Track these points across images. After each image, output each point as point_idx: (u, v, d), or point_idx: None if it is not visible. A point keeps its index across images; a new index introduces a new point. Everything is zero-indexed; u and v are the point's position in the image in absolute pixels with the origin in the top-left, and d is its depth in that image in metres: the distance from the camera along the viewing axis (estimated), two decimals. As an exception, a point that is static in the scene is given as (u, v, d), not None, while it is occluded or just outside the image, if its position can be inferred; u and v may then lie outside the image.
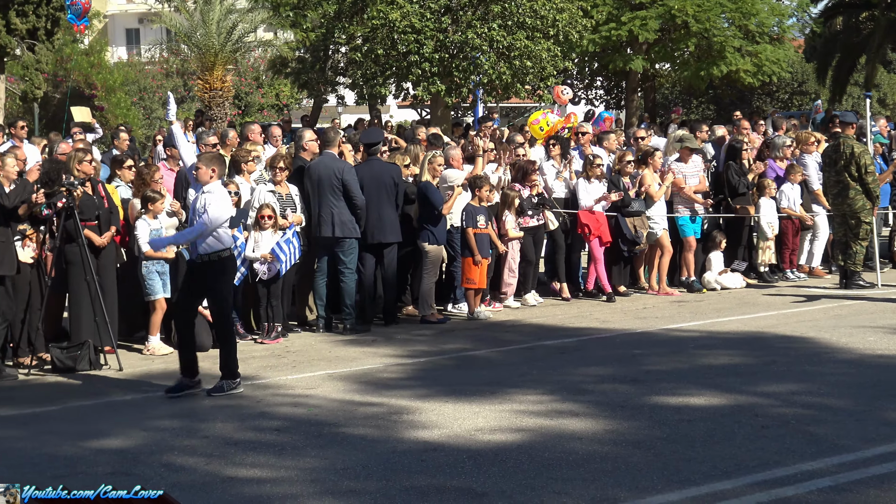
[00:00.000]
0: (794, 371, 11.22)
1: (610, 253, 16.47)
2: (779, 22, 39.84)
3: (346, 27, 31.77)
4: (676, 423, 9.28)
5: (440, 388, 10.73)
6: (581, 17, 31.93)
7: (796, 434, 8.81)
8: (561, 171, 16.79)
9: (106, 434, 9.37)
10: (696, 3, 35.86)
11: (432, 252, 14.64)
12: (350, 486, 7.77)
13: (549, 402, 10.13)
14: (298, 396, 10.63)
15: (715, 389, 10.37)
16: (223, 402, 10.45)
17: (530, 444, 8.74)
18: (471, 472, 8.00)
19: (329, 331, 14.14)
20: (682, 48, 37.67)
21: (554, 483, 7.72)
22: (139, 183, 13.43)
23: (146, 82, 49.89)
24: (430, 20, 29.42)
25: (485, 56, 29.46)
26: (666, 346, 12.81)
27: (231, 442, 9.02)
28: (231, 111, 36.85)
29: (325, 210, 13.97)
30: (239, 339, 13.38)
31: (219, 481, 7.93)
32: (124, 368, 12.00)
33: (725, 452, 8.33)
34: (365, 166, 14.60)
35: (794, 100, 55.89)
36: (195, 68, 36.98)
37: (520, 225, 15.58)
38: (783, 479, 7.69)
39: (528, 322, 14.69)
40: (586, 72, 43.00)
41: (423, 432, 9.19)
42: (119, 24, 67.06)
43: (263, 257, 13.42)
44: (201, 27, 31.96)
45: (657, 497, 7.40)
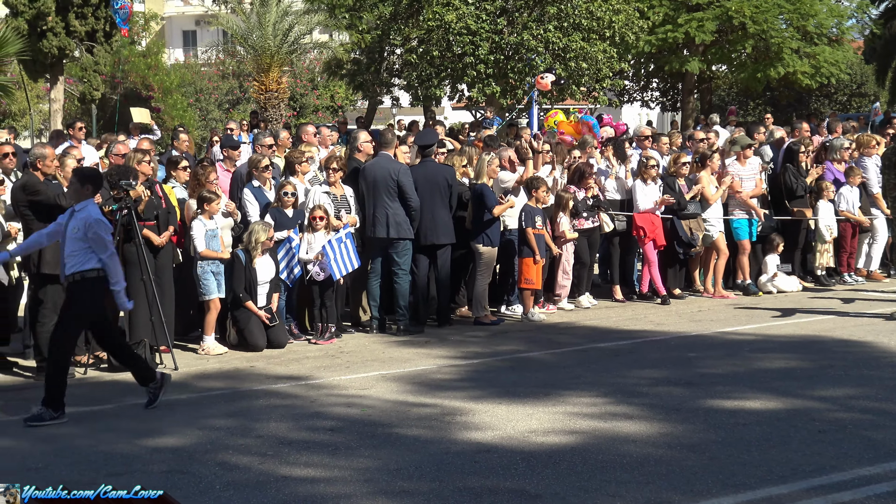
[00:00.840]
0: (852, 375, 11.10)
1: (665, 255, 16.39)
2: (838, 23, 39.49)
3: (402, 29, 31.86)
4: (731, 426, 9.21)
5: (493, 390, 10.71)
6: (637, 18, 31.81)
7: (854, 439, 8.71)
8: (613, 171, 16.73)
9: (161, 433, 9.43)
10: (754, 5, 35.63)
11: (486, 253, 14.63)
12: (403, 487, 7.77)
13: (602, 404, 10.09)
14: (352, 397, 10.65)
15: (771, 393, 10.29)
16: (277, 401, 10.49)
17: (584, 446, 8.71)
18: (524, 474, 7.98)
19: (382, 332, 14.16)
20: (738, 49, 37.44)
21: (607, 485, 7.69)
22: (195, 183, 13.51)
23: (202, 84, 50.28)
24: (485, 22, 29.43)
25: (540, 58, 29.42)
26: (721, 349, 12.72)
27: (285, 441, 9.05)
28: (286, 112, 37.03)
29: (379, 211, 14.00)
30: (293, 340, 13.52)
31: (273, 480, 7.96)
32: (179, 368, 12.07)
33: (781, 457, 8.26)
34: (419, 168, 14.61)
35: (853, 102, 55.34)
36: (251, 70, 37.23)
37: (574, 227, 15.54)
38: (840, 484, 7.62)
39: (582, 324, 14.64)
40: (642, 73, 42.83)
41: (476, 434, 9.18)
42: (176, 25, 67.70)
43: (316, 258, 13.47)
44: (257, 29, 32.14)
45: (712, 501, 7.35)
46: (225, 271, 13.11)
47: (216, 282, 13.00)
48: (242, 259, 13.07)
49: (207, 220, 12.98)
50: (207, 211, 12.99)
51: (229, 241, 13.36)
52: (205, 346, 13.02)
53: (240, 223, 13.60)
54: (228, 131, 21.97)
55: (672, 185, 16.32)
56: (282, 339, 13.25)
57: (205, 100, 49.32)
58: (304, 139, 16.19)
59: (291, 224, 13.67)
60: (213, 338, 13.09)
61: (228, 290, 13.08)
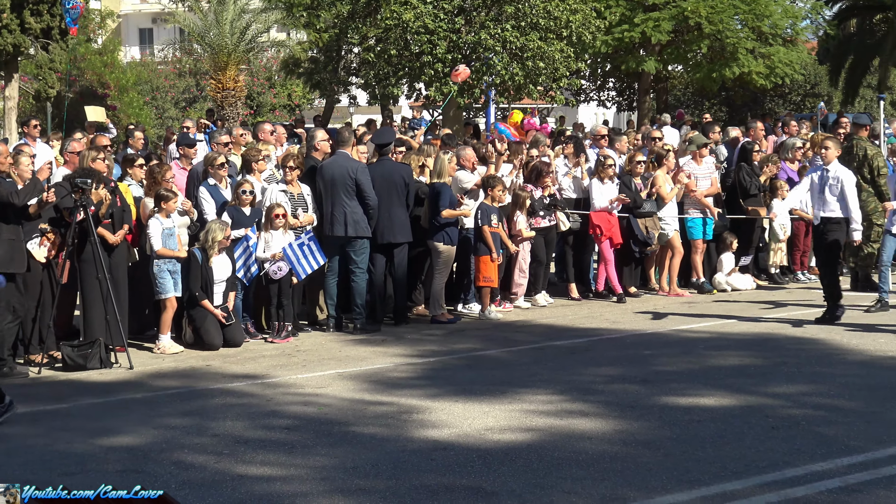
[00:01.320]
0: (805, 372, 11.21)
1: (621, 254, 16.46)
2: (792, 24, 39.77)
3: (360, 28, 31.83)
4: (686, 423, 9.28)
5: (450, 388, 10.74)
6: (594, 18, 31.92)
7: (806, 435, 8.80)
8: (570, 169, 16.80)
9: (116, 432, 9.39)
10: (710, 5, 35.82)
11: (444, 252, 14.64)
12: (360, 485, 7.78)
13: (558, 401, 10.13)
14: (308, 395, 10.64)
15: (725, 390, 10.37)
16: (233, 400, 10.47)
17: (540, 443, 8.75)
18: (480, 472, 8.01)
19: (339, 330, 14.15)
20: (694, 50, 37.63)
21: (563, 482, 7.72)
22: (151, 182, 13.45)
23: (159, 82, 50.00)
24: (443, 21, 29.45)
25: (498, 57, 29.47)
26: (676, 346, 12.80)
27: (241, 440, 9.04)
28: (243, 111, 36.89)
29: (337, 210, 13.98)
30: (249, 339, 13.50)
31: (229, 479, 7.94)
32: (135, 367, 12.02)
33: (735, 453, 8.33)
34: (376, 166, 14.60)
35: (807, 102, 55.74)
36: (208, 68, 37.06)
37: (531, 225, 15.58)
38: (793, 479, 7.69)
39: (539, 322, 14.69)
40: (599, 73, 42.97)
41: (433, 431, 9.19)
42: (132, 23, 67.25)
43: (274, 257, 13.44)
44: (215, 27, 31.98)
45: (667, 497, 7.40)
46: (181, 270, 13.06)
47: (172, 280, 12.95)
48: (199, 258, 13.02)
49: (164, 219, 12.93)
50: (164, 209, 12.94)
51: (186, 240, 13.30)
52: (160, 344, 12.96)
53: (196, 221, 13.56)
54: (185, 129, 21.88)
55: (628, 183, 16.40)
56: (238, 337, 13.22)
57: (161, 98, 49.02)
58: (260, 137, 16.15)
59: (249, 222, 13.64)
60: (168, 336, 13.03)
61: (185, 289, 13.04)
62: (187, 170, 14.62)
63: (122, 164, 14.47)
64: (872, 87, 51.53)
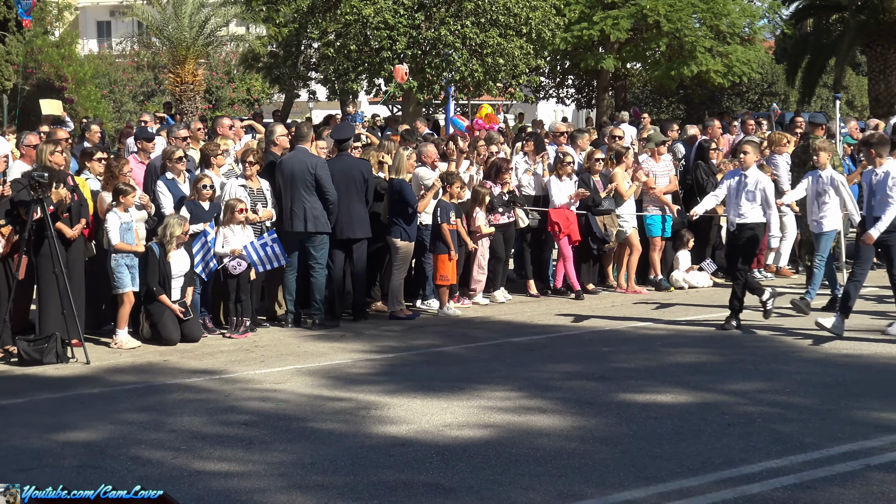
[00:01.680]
0: (761, 370, 11.29)
1: (579, 251, 16.51)
2: (750, 23, 40.03)
3: (319, 22, 31.74)
4: (643, 420, 9.33)
5: (408, 384, 10.74)
6: (554, 15, 31.98)
7: (762, 432, 8.87)
8: (531, 166, 16.83)
9: (73, 427, 9.34)
10: (668, 3, 35.98)
11: (403, 248, 14.64)
12: (318, 481, 7.78)
13: (517, 398, 10.16)
14: (266, 391, 10.62)
15: (682, 387, 10.43)
16: (190, 396, 10.43)
17: (498, 440, 8.77)
18: (438, 468, 8.02)
19: (298, 326, 14.13)
20: (653, 48, 37.80)
21: (521, 479, 7.75)
22: (108, 176, 13.37)
23: (117, 75, 49.64)
24: (403, 16, 29.42)
25: (457, 53, 29.48)
26: (634, 343, 12.86)
27: (199, 436, 9.01)
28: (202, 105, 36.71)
29: (297, 205, 13.95)
30: (207, 334, 13.45)
31: (186, 475, 7.92)
32: (91, 362, 11.95)
33: (692, 450, 8.39)
34: (335, 162, 14.57)
35: (764, 100, 56.16)
36: (166, 62, 36.85)
37: (490, 222, 15.61)
38: (749, 476, 7.76)
39: (497, 319, 14.72)
40: (558, 70, 43.08)
41: (391, 427, 9.20)
42: (90, 16, 66.74)
43: (233, 252, 13.40)
44: (173, 20, 31.84)
45: (623, 493, 7.44)
46: (139, 264, 12.99)
47: (130, 275, 12.88)
48: (157, 252, 12.96)
49: (122, 213, 12.86)
50: (122, 203, 12.86)
51: (143, 234, 13.23)
52: (117, 339, 12.89)
53: (154, 216, 13.49)
54: (142, 124, 21.76)
55: (587, 181, 16.46)
56: (196, 332, 13.17)
57: (119, 91, 48.68)
58: (219, 132, 16.07)
59: (207, 217, 13.58)
60: (126, 331, 12.96)
61: (142, 284, 12.97)
62: (145, 164, 14.53)
63: (81, 157, 14.37)
64: (828, 86, 51.93)
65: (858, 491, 7.46)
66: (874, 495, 7.37)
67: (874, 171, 13.00)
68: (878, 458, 8.20)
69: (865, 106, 51.06)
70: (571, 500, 7.34)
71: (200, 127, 16.84)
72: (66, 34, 45.02)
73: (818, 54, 41.98)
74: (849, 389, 10.36)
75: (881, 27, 37.80)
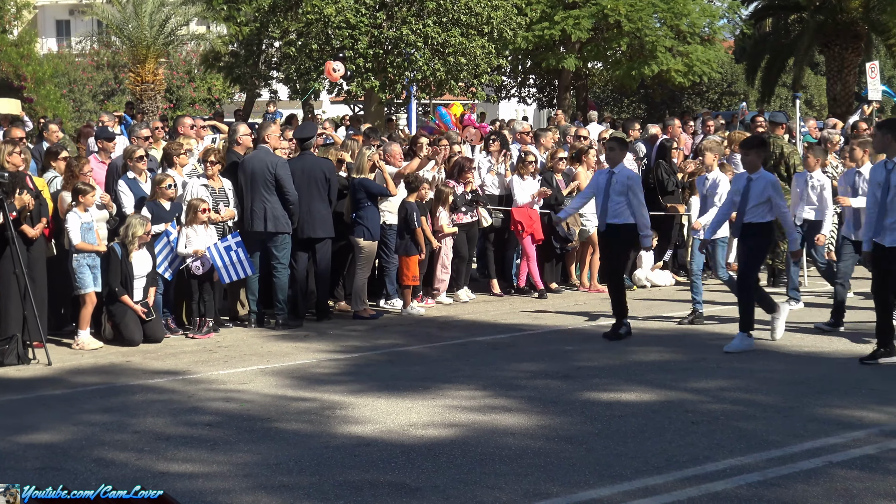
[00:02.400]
0: (724, 368, 11.35)
1: (542, 250, 16.55)
2: (710, 23, 40.28)
3: (281, 21, 31.66)
4: (608, 418, 9.36)
5: (373, 384, 10.73)
6: (515, 14, 32.05)
7: (726, 430, 8.91)
8: (494, 166, 16.86)
9: (35, 429, 9.27)
10: (629, 3, 36.14)
11: (366, 248, 14.63)
12: (283, 481, 7.75)
13: (481, 397, 10.17)
14: (230, 391, 10.58)
15: (646, 385, 10.47)
16: (154, 396, 10.38)
17: (463, 439, 8.77)
18: (404, 467, 8.02)
19: (261, 326, 14.09)
20: (614, 47, 37.96)
21: (487, 478, 7.76)
22: (69, 175, 13.28)
23: (76, 74, 49.33)
24: (364, 16, 29.40)
25: (419, 52, 29.48)
26: (597, 342, 12.89)
27: (162, 437, 8.96)
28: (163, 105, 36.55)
29: (257, 205, 13.90)
30: (170, 334, 13.39)
31: (150, 476, 7.87)
32: (53, 363, 11.86)
33: (656, 448, 8.42)
34: (297, 161, 14.54)
35: (724, 100, 56.53)
36: (127, 61, 36.65)
37: (453, 221, 15.62)
38: (713, 473, 7.79)
39: (461, 318, 14.73)
40: (519, 70, 43.16)
41: (356, 427, 9.19)
42: (49, 15, 66.22)
43: (196, 253, 13.34)
44: (133, 20, 31.68)
45: (589, 492, 7.46)
46: (101, 265, 12.91)
47: (91, 275, 12.80)
48: (119, 253, 12.88)
49: (82, 213, 12.77)
50: (82, 203, 12.78)
51: (105, 234, 13.16)
52: (79, 340, 12.81)
53: (115, 216, 13.41)
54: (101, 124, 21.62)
55: (549, 180, 16.50)
56: (158, 333, 13.11)
57: (79, 91, 48.39)
58: (180, 132, 15.99)
59: (168, 217, 13.51)
60: (87, 332, 12.88)
61: (104, 284, 12.89)
62: (106, 164, 14.45)
63: (46, 156, 14.27)
64: (788, 85, 52.34)
65: (822, 487, 7.51)
66: (837, 491, 7.42)
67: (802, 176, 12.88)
68: (841, 454, 8.26)
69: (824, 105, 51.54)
70: (537, 498, 7.35)
71: (160, 126, 16.74)
72: (25, 33, 44.69)
73: (777, 54, 42.28)
74: (811, 387, 10.43)
75: (839, 27, 38.13)
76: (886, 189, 11.21)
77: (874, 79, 26.97)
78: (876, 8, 37.59)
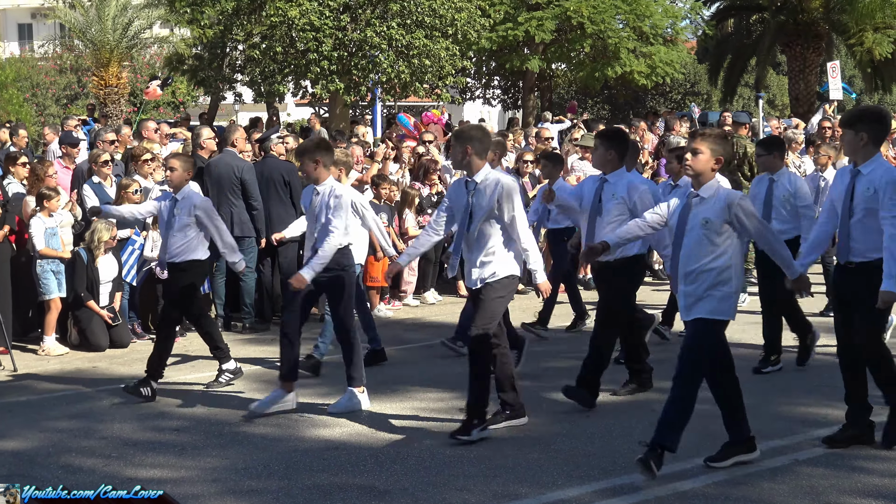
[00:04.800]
0: (690, 367, 11.37)
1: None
2: (672, 24, 40.43)
3: (245, 24, 31.55)
4: (575, 419, 9.41)
5: (341, 387, 10.67)
6: (479, 16, 32.08)
7: (693, 429, 8.91)
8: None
9: (1, 436, 9.23)
10: (592, 5, 36.22)
11: (332, 250, 14.59)
12: (251, 486, 7.76)
13: (449, 399, 10.20)
14: (198, 396, 10.56)
15: (613, 385, 10.50)
16: (121, 402, 10.34)
17: (432, 441, 8.80)
18: (373, 471, 8.04)
19: (228, 330, 14.04)
20: (577, 49, 38.02)
21: (455, 480, 7.78)
22: (33, 180, 13.22)
23: (39, 78, 49.06)
24: (328, 18, 29.34)
25: (384, 55, 29.47)
26: (564, 343, 12.95)
27: (130, 442, 8.94)
28: (127, 108, 36.37)
29: (224, 209, 13.85)
30: (137, 339, 13.34)
31: (118, 482, 7.83)
32: (19, 369, 11.82)
33: (624, 447, 8.47)
34: (259, 164, 14.54)
35: (687, 100, 56.74)
36: (90, 64, 36.41)
37: (420, 223, 15.63)
38: (681, 473, 7.85)
39: (428, 320, 14.75)
40: (484, 71, 43.20)
41: (325, 431, 9.20)
42: (11, 18, 65.82)
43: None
44: (96, 23, 31.49)
45: (557, 493, 7.50)
46: (66, 270, 12.85)
47: (57, 281, 12.75)
48: (84, 257, 12.83)
49: (46, 218, 12.72)
50: (46, 208, 12.72)
51: (69, 240, 13.10)
52: (45, 346, 12.75)
53: (80, 220, 13.36)
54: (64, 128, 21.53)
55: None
56: (125, 338, 13.07)
57: (42, 95, 48.11)
58: (144, 136, 15.95)
59: (134, 223, 13.45)
60: (53, 338, 12.83)
61: (69, 290, 12.84)
62: (71, 168, 14.39)
63: (5, 162, 14.20)
64: (750, 85, 52.60)
65: (788, 485, 7.58)
66: (803, 489, 7.50)
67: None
68: (807, 452, 8.35)
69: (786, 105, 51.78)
70: (506, 500, 7.39)
71: (127, 132, 16.69)
72: (-14, 37, 44.49)
73: (739, 54, 42.51)
74: (775, 385, 10.52)
75: (800, 27, 38.35)
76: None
77: (835, 78, 27.20)
78: (836, 8, 37.84)
